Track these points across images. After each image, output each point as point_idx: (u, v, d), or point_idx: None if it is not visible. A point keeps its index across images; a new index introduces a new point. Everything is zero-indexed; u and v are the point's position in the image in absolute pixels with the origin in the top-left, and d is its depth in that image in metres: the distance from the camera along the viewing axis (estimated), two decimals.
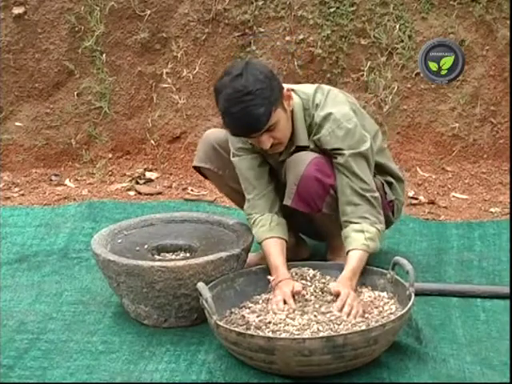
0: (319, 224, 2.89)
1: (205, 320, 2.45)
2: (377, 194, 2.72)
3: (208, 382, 2.32)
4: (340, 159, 2.67)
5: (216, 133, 2.98)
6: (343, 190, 2.68)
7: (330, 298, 2.51)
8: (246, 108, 2.50)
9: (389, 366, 2.35)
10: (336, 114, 2.68)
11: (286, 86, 2.72)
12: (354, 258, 2.60)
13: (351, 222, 2.66)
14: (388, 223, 3.00)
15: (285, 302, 2.49)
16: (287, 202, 2.73)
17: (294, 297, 2.51)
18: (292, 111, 2.69)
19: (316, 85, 2.82)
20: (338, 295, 2.49)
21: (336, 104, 2.72)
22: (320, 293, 2.55)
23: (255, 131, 2.57)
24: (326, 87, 2.80)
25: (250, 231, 2.81)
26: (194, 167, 3.01)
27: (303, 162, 2.69)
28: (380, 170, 2.91)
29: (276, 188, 2.81)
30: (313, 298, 2.53)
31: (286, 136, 2.68)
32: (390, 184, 2.95)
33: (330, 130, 2.67)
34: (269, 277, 2.62)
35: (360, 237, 2.63)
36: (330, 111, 2.69)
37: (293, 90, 2.73)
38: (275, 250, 2.69)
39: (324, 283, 2.58)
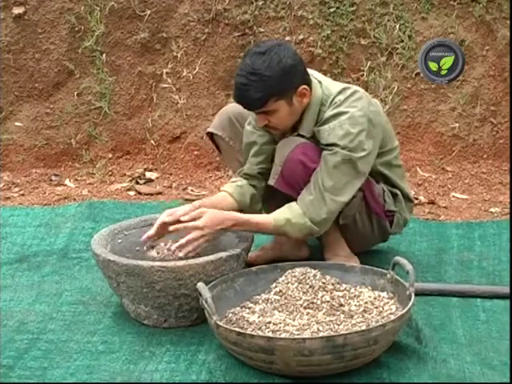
0: None
1: (205, 320, 2.45)
2: (339, 200, 2.68)
3: (208, 382, 2.32)
4: (326, 152, 2.67)
5: (234, 107, 2.98)
6: (313, 174, 2.69)
7: (329, 297, 2.52)
8: (246, 86, 2.58)
9: (389, 366, 2.35)
10: (344, 115, 2.66)
11: (318, 75, 2.77)
12: (259, 219, 2.67)
13: (296, 203, 2.69)
14: (384, 233, 3.00)
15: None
16: (271, 181, 2.77)
17: None
18: (309, 102, 2.71)
19: (344, 86, 2.78)
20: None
21: (350, 107, 2.68)
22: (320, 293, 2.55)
23: (247, 109, 2.68)
24: (350, 90, 2.73)
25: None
26: (208, 134, 3.02)
27: (290, 145, 2.72)
28: (386, 181, 2.91)
29: (267, 170, 2.84)
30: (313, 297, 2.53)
31: (282, 125, 2.71)
32: (394, 195, 2.94)
33: (332, 127, 2.67)
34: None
35: (283, 216, 2.66)
36: (339, 111, 2.68)
37: (320, 82, 2.75)
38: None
39: (324, 283, 2.58)
